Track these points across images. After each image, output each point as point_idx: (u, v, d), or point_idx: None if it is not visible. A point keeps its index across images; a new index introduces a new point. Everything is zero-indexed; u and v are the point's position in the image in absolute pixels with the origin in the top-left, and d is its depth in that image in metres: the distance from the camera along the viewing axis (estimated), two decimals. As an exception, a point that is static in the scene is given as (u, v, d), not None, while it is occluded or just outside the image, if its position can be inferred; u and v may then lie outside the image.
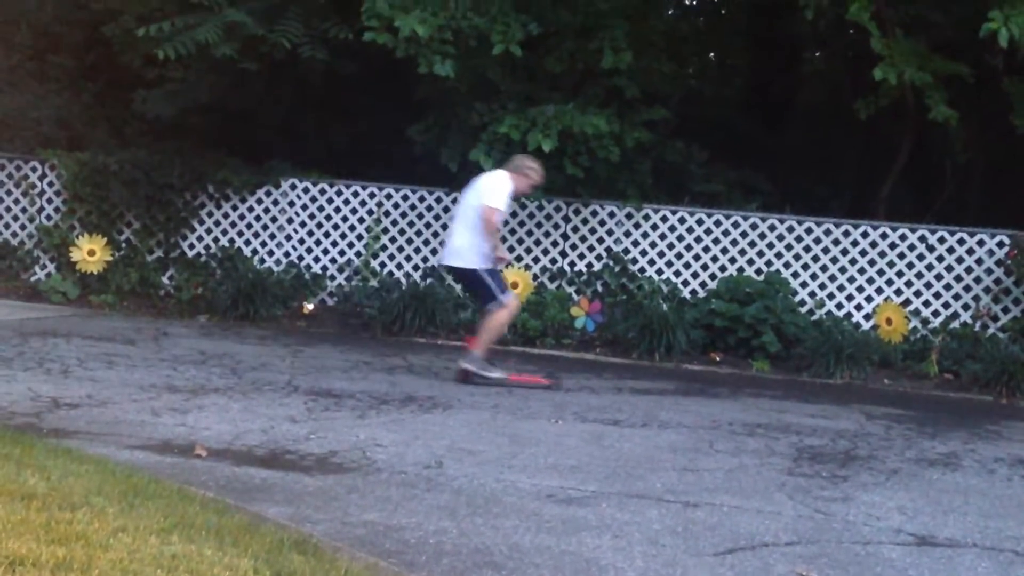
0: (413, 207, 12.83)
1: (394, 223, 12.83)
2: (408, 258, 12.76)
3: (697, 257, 12.39)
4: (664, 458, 6.50)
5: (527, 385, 8.96)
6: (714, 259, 12.34)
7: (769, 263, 12.20)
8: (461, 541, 4.55)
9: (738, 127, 14.43)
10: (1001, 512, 5.72)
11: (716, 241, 12.36)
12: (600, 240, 12.56)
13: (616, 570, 4.27)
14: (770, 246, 12.25)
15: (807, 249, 12.18)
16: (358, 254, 12.79)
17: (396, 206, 12.85)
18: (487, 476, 5.74)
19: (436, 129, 12.36)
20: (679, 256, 12.43)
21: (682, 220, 12.47)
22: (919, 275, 11.94)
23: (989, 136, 12.53)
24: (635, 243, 12.51)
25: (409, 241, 12.79)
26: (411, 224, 12.80)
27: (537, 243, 12.64)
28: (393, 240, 12.81)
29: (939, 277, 11.89)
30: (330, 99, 14.17)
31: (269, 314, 11.86)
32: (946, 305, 11.84)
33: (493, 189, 9.19)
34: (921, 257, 11.96)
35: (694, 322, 11.57)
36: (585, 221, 12.60)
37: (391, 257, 12.80)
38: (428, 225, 12.76)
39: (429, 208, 12.79)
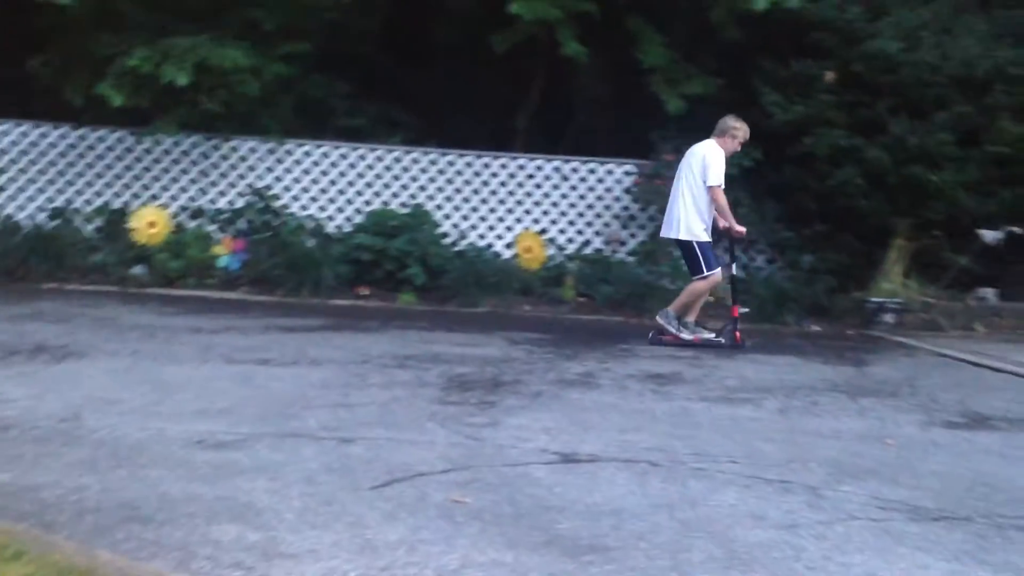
0: (35, 144, 11.98)
1: (13, 161, 11.92)
2: (31, 199, 11.91)
3: (342, 192, 12.34)
4: (317, 395, 6.43)
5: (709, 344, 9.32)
6: (359, 193, 12.35)
7: (413, 196, 12.34)
8: (105, 496, 4.30)
9: (380, 61, 14.37)
10: (636, 426, 6.06)
11: (360, 175, 12.36)
12: (242, 176, 12.24)
13: (273, 512, 4.18)
14: (414, 179, 12.38)
15: (450, 181, 12.42)
16: (-26, 196, 11.80)
17: (15, 143, 11.94)
18: (130, 426, 5.46)
19: (58, 62, 11.53)
20: (324, 191, 12.33)
21: (326, 155, 12.37)
22: (554, 204, 12.47)
23: (616, 70, 13.16)
24: (278, 179, 12.29)
25: (32, 181, 11.94)
26: (33, 162, 11.95)
27: (175, 181, 12.14)
28: (13, 180, 11.89)
29: (573, 206, 12.47)
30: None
31: None
32: (580, 232, 12.45)
33: (710, 165, 9.19)
34: (556, 187, 12.49)
35: (341, 257, 11.53)
36: (225, 157, 12.22)
37: (11, 198, 11.89)
38: (53, 163, 11.96)
39: (53, 145, 11.99)
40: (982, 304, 11.34)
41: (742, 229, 9.54)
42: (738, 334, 9.48)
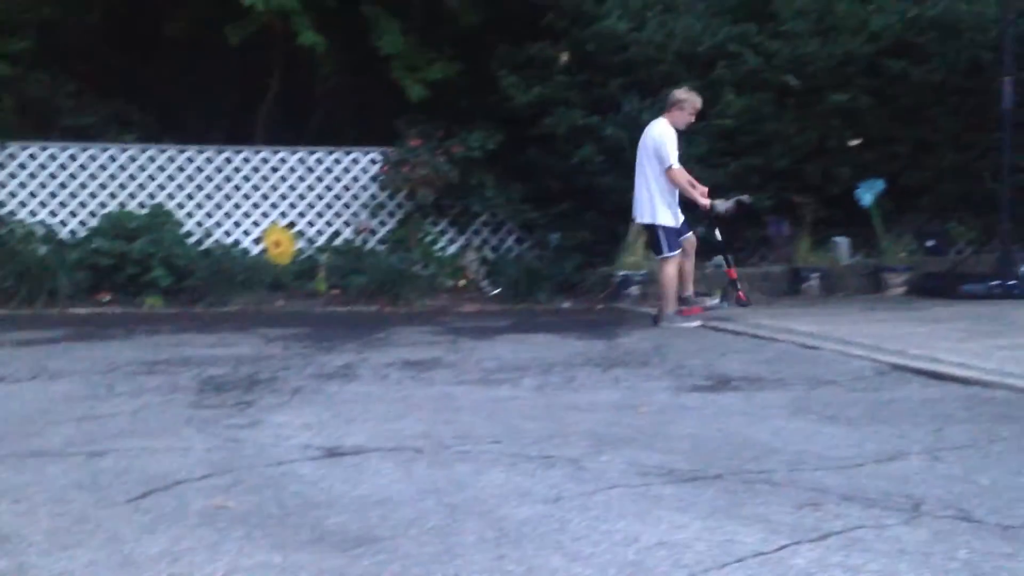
0: None
1: None
2: None
3: (74, 195, 11.78)
4: (60, 410, 6.11)
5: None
6: (93, 196, 11.82)
7: (152, 196, 11.92)
8: None
9: (106, 57, 13.79)
10: (398, 414, 6.05)
11: (93, 177, 11.83)
12: (-39, 184, 11.49)
13: (20, 536, 3.94)
14: (151, 178, 11.96)
15: (190, 179, 12.06)
16: None
17: None
18: None
19: None
20: (53, 195, 11.74)
21: (53, 157, 11.77)
22: (302, 196, 12.30)
23: (354, 58, 13.08)
24: (1, 184, 11.60)
25: None
26: None
27: None
28: None
29: (320, 197, 12.33)
30: None
31: None
32: (329, 223, 12.33)
33: (661, 145, 9.29)
34: (302, 179, 12.32)
35: (77, 263, 11.01)
36: (-59, 164, 11.44)
37: None
38: None
39: None
40: (718, 271, 11.90)
41: (706, 202, 9.66)
42: (741, 294, 9.91)
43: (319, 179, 12.33)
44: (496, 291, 11.85)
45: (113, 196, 11.84)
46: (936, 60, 12.19)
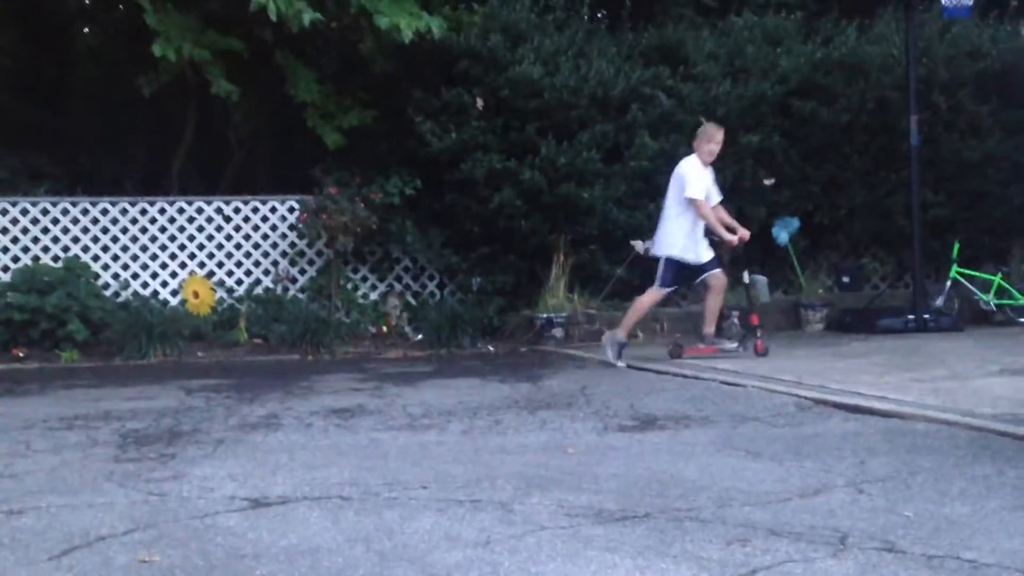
0: None
1: None
2: None
3: (-15, 249, 11.53)
4: (-24, 469, 5.96)
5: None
6: (5, 250, 11.60)
7: (67, 248, 11.73)
8: None
9: (14, 109, 13.59)
10: (324, 462, 6.00)
11: (5, 231, 11.62)
12: None
13: (-64, 602, 3.83)
14: (65, 231, 11.77)
15: (105, 231, 11.89)
16: None
17: None
18: None
19: None
20: (-36, 250, 11.49)
21: (-37, 211, 11.53)
22: (220, 246, 12.18)
23: (269, 106, 13.04)
24: (-90, 240, 11.32)
25: None
26: None
27: None
28: None
29: (239, 246, 12.23)
30: None
31: None
32: (248, 272, 12.22)
33: (681, 178, 9.63)
34: (220, 228, 12.21)
35: (-10, 319, 10.77)
36: None
37: None
38: None
39: None
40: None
41: (731, 239, 9.78)
42: (759, 343, 9.91)
43: (237, 228, 12.23)
44: (419, 336, 11.82)
45: (26, 250, 11.62)
46: (844, 100, 12.52)
